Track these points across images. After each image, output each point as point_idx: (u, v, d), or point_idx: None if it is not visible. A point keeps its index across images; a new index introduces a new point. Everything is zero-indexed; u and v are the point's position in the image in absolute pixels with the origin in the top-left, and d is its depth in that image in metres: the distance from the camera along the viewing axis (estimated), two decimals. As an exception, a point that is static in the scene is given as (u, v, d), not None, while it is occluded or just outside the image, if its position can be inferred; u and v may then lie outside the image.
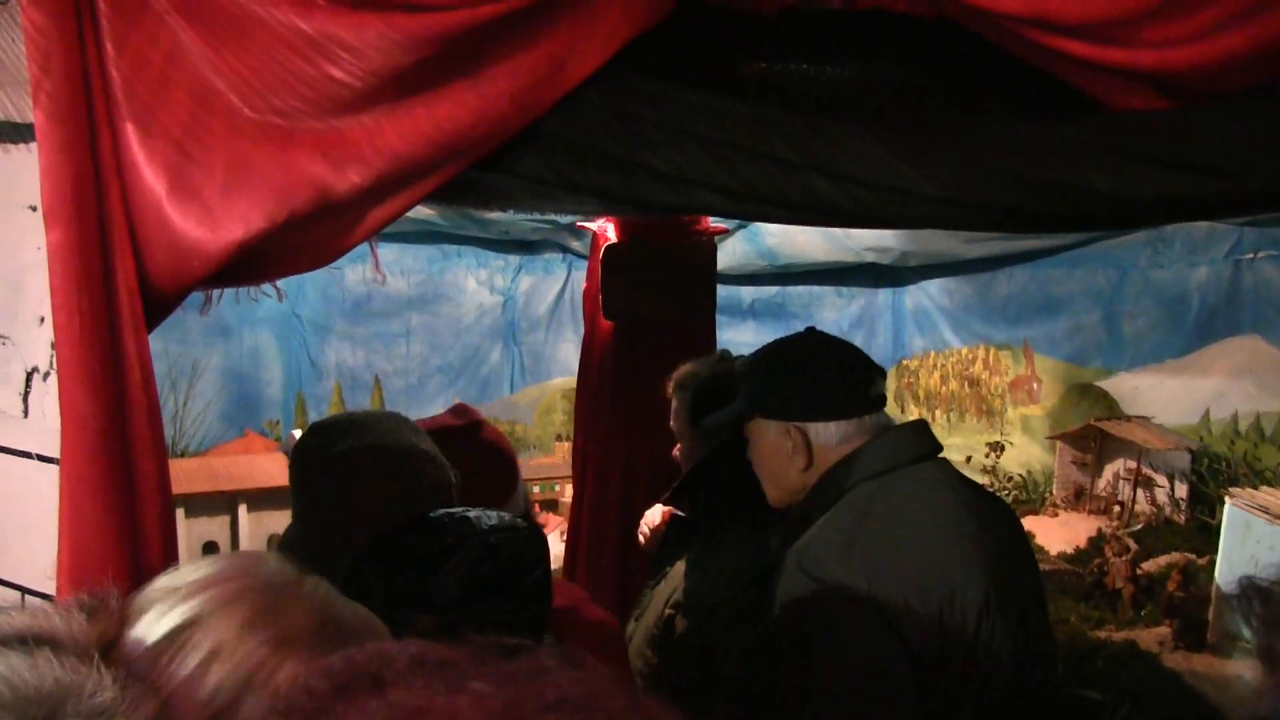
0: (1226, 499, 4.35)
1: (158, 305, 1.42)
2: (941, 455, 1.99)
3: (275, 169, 1.35)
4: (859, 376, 1.94)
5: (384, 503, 1.73)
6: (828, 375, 1.94)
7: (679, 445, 2.55)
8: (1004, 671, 1.79)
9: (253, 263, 1.45)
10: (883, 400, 1.96)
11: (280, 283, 1.70)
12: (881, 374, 1.98)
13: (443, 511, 1.67)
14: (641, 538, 2.84)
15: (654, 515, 2.82)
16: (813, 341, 1.99)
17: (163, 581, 0.90)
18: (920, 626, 1.71)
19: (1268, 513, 3.99)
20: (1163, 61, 1.40)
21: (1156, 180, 1.40)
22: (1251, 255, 5.54)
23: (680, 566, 2.38)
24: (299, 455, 1.88)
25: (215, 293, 1.60)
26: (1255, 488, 4.75)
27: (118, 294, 1.34)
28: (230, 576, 0.90)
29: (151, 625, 0.84)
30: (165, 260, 1.38)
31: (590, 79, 1.42)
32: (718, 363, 2.48)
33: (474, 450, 2.35)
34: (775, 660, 1.84)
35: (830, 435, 1.92)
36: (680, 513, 2.62)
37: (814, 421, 1.92)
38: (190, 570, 0.91)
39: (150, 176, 1.35)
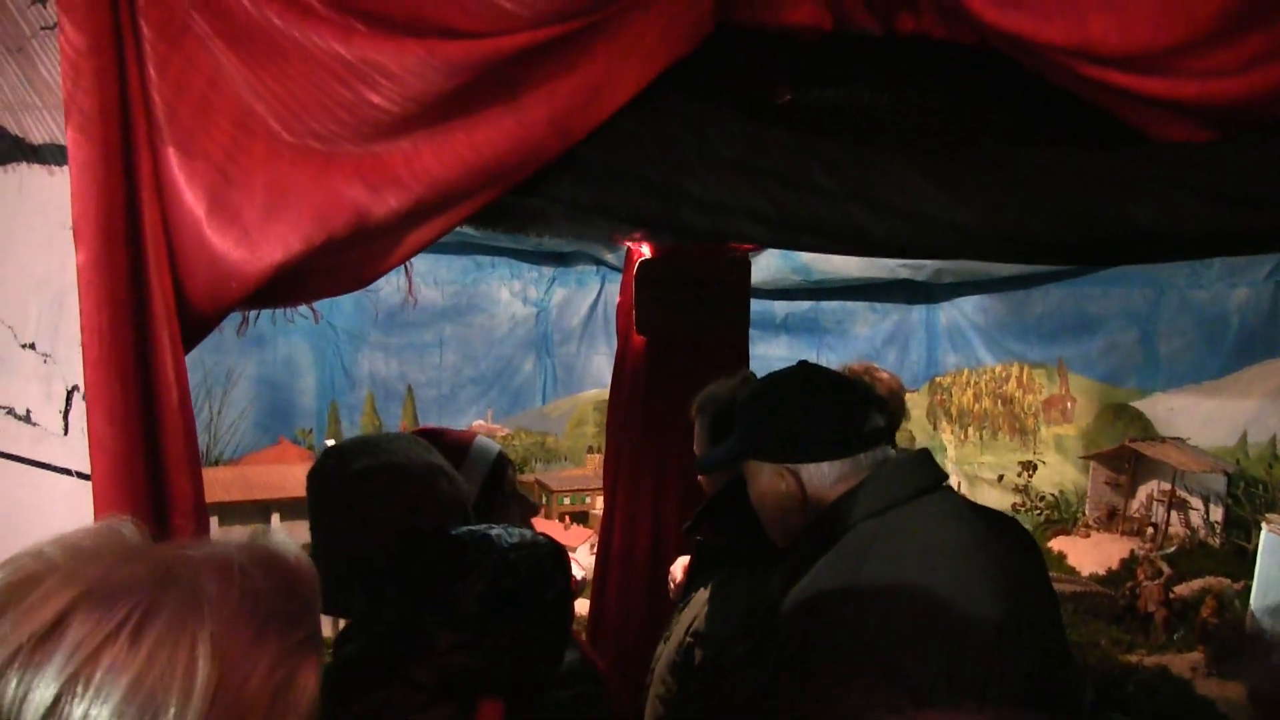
0: (1263, 524, 4.30)
1: (196, 326, 1.44)
2: (946, 484, 1.92)
3: (314, 192, 1.36)
4: (852, 414, 1.88)
5: (403, 518, 1.76)
6: (819, 415, 1.88)
7: None
8: (1022, 703, 1.76)
9: (290, 284, 1.46)
10: (880, 434, 1.90)
11: (315, 299, 1.72)
12: (879, 408, 1.92)
13: (464, 529, 1.69)
14: (671, 584, 2.83)
15: (678, 568, 2.80)
16: (804, 379, 1.93)
17: None
18: (929, 668, 1.65)
19: (1308, 539, 3.95)
20: (1206, 92, 1.38)
21: (1200, 213, 1.38)
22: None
23: (703, 594, 2.34)
24: (316, 478, 1.91)
25: (252, 313, 1.62)
26: (1294, 512, 4.70)
27: (155, 315, 1.36)
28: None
29: None
30: (204, 282, 1.40)
31: (628, 104, 1.42)
32: (739, 385, 2.42)
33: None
34: (780, 704, 1.80)
35: (824, 476, 1.86)
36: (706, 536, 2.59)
37: (806, 463, 1.86)
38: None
39: (190, 199, 1.36)
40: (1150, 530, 5.82)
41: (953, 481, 6.75)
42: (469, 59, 1.30)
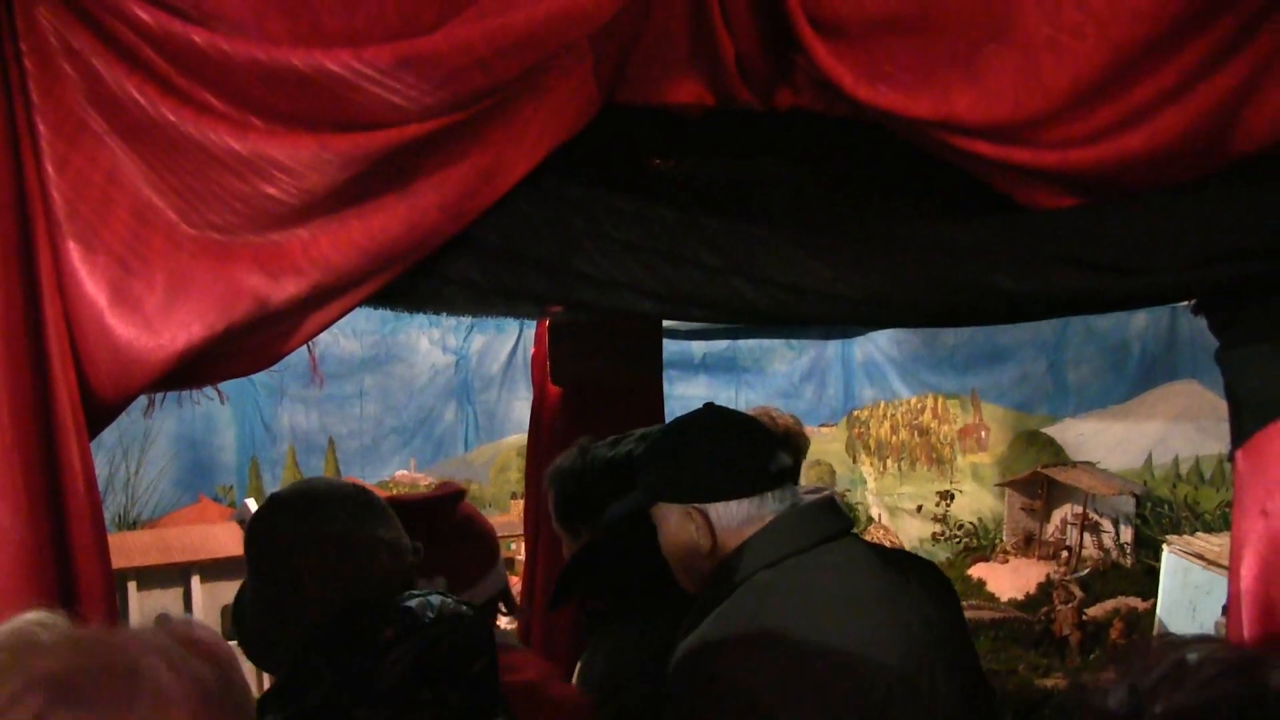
0: (1164, 546, 4.45)
1: (100, 413, 1.45)
2: (851, 532, 1.92)
3: (214, 281, 1.39)
4: (758, 453, 1.89)
5: (333, 593, 1.74)
6: (725, 454, 1.88)
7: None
8: None
9: (194, 369, 1.48)
10: (787, 475, 1.90)
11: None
12: (784, 447, 1.93)
13: (386, 601, 1.67)
14: None
15: None
16: (708, 419, 1.94)
17: None
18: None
19: (1203, 559, 4.09)
20: (1065, 161, 1.47)
21: (1061, 278, 1.46)
22: (1188, 303, 5.68)
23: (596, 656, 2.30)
24: (254, 534, 1.87)
25: (158, 396, 1.63)
26: (1195, 530, 4.85)
27: (58, 406, 1.37)
28: None
29: None
30: (108, 370, 1.41)
31: (520, 186, 1.47)
32: (579, 455, 2.41)
33: (450, 527, 2.33)
34: None
35: (732, 515, 1.86)
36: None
37: (713, 502, 1.86)
38: None
39: (92, 290, 1.38)
40: (1065, 554, 5.97)
41: (874, 513, 6.86)
42: (361, 151, 1.34)
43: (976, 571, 6.06)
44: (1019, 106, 1.42)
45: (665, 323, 4.34)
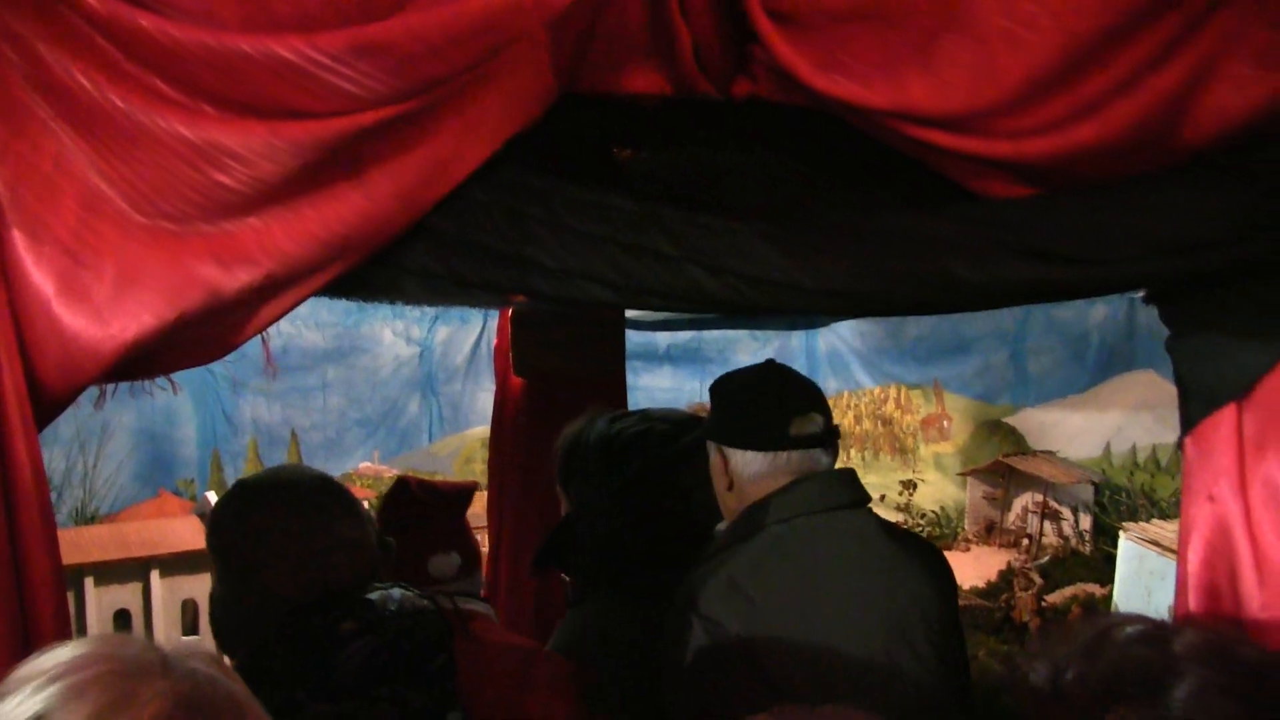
0: (1121, 533, 4.50)
1: (48, 405, 1.43)
2: (866, 505, 2.03)
3: (165, 271, 1.37)
4: (778, 413, 1.98)
5: (291, 586, 1.73)
6: (748, 406, 2.02)
7: None
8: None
9: (145, 360, 1.46)
10: (812, 440, 1.98)
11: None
12: (812, 416, 2.01)
13: (349, 594, 1.67)
14: None
15: None
16: (756, 373, 2.08)
17: (21, 671, 0.88)
18: (795, 676, 1.76)
19: (1158, 545, 4.14)
20: (1019, 151, 1.48)
21: (1016, 268, 1.47)
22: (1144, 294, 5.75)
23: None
24: (216, 522, 1.88)
25: (109, 388, 1.61)
26: (1152, 517, 4.91)
27: (5, 398, 1.35)
28: (82, 665, 0.88)
29: None
30: (56, 362, 1.39)
31: (477, 175, 1.46)
32: (585, 424, 2.48)
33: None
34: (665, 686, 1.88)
35: (745, 464, 1.97)
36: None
37: (730, 447, 1.99)
38: (47, 658, 0.89)
39: (39, 280, 1.36)
40: (1026, 542, 6.02)
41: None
42: (314, 138, 1.32)
43: (938, 560, 6.10)
44: (973, 97, 1.43)
45: (629, 314, 4.34)
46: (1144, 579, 4.25)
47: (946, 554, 5.97)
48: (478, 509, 6.50)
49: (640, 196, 1.49)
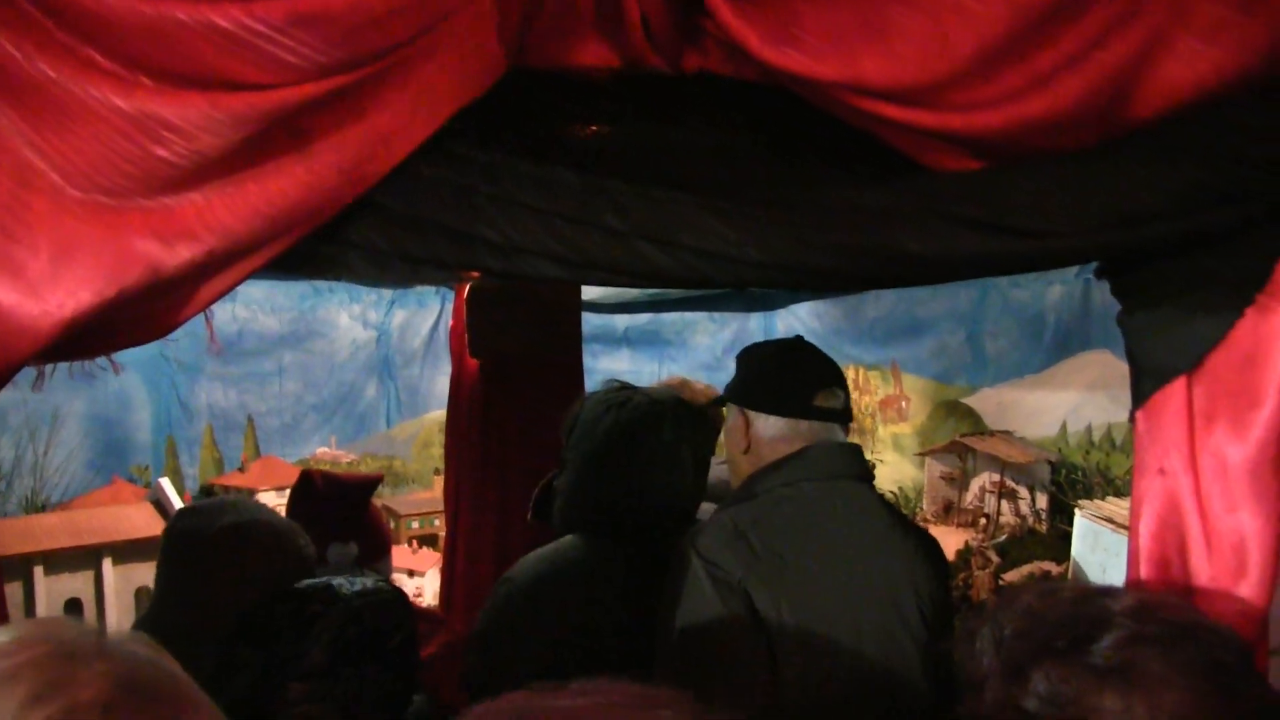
0: (1076, 511, 4.54)
1: (-15, 385, 1.40)
2: (868, 480, 2.11)
3: (103, 247, 1.34)
4: (803, 383, 2.09)
5: (273, 571, 1.83)
6: (776, 372, 2.12)
7: None
8: (879, 689, 1.91)
9: (85, 337, 1.43)
10: (831, 414, 2.09)
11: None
12: (834, 390, 2.12)
13: (306, 582, 1.71)
14: None
15: None
16: (785, 343, 2.21)
17: None
18: (786, 629, 1.83)
19: (1112, 522, 4.18)
20: (970, 124, 1.48)
21: (967, 240, 1.47)
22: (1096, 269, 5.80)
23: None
24: (178, 536, 2.00)
25: (49, 368, 1.58)
26: (1108, 495, 4.96)
27: (-60, 378, 1.32)
28: (17, 649, 0.86)
29: None
30: (-11, 340, 1.36)
31: (423, 150, 1.44)
32: (597, 389, 2.52)
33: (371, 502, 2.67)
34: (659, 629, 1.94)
35: (767, 428, 2.07)
36: None
37: (755, 411, 2.09)
38: None
39: (-28, 257, 1.33)
40: (983, 521, 6.06)
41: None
42: (255, 111, 1.29)
43: (897, 540, 6.13)
44: (924, 70, 1.43)
45: (588, 296, 4.33)
46: (1099, 556, 4.29)
47: (905, 533, 6.00)
48: (436, 494, 6.51)
49: (588, 171, 1.48)
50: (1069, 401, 6.08)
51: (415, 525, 6.34)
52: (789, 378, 2.10)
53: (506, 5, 1.41)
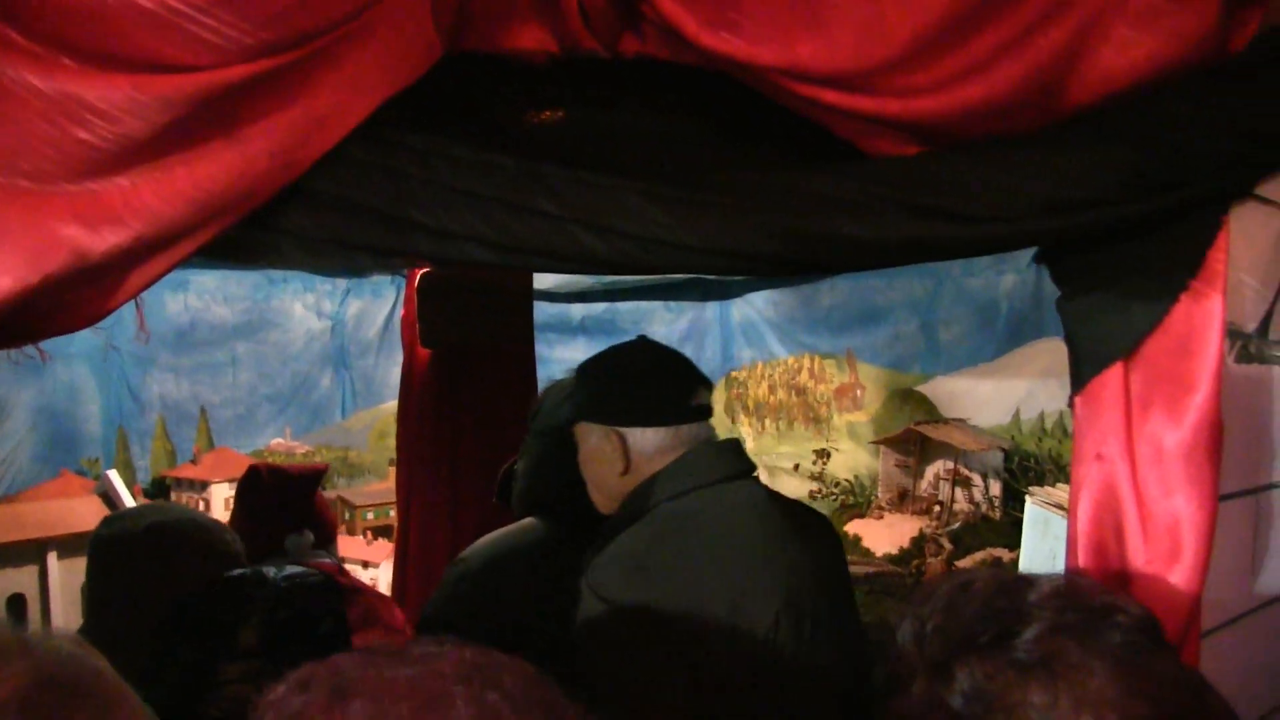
0: (1027, 497, 4.58)
1: (-95, 374, 1.37)
2: (753, 474, 2.02)
3: (25, 232, 1.31)
4: (680, 385, 1.98)
5: (202, 565, 1.85)
6: (648, 382, 1.97)
7: None
8: (802, 685, 1.85)
9: (8, 325, 1.40)
10: (706, 412, 1.99)
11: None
12: (706, 386, 2.03)
13: (236, 571, 1.72)
14: None
15: None
16: (640, 349, 2.04)
17: None
18: (704, 645, 1.75)
19: (1062, 509, 4.21)
20: (907, 110, 1.48)
21: (905, 225, 1.47)
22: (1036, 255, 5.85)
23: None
24: (106, 541, 2.04)
25: (-25, 356, 1.55)
26: (1058, 481, 5.00)
27: None
28: None
29: None
30: (-93, 327, 1.33)
31: (356, 134, 1.42)
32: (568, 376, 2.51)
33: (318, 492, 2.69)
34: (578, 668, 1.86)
35: (648, 442, 1.94)
36: None
37: (631, 426, 1.95)
38: None
39: (-111, 243, 1.30)
40: (937, 508, 6.11)
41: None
42: (180, 94, 1.27)
43: (853, 528, 6.17)
44: (862, 55, 1.42)
45: (542, 285, 4.32)
46: (1049, 542, 4.33)
47: (860, 522, 6.06)
48: (392, 484, 6.47)
49: (524, 156, 1.46)
50: (1022, 389, 6.14)
51: (370, 516, 6.31)
52: (662, 383, 1.98)
53: (442, -12, 1.39)
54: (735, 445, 2.05)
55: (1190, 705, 1.00)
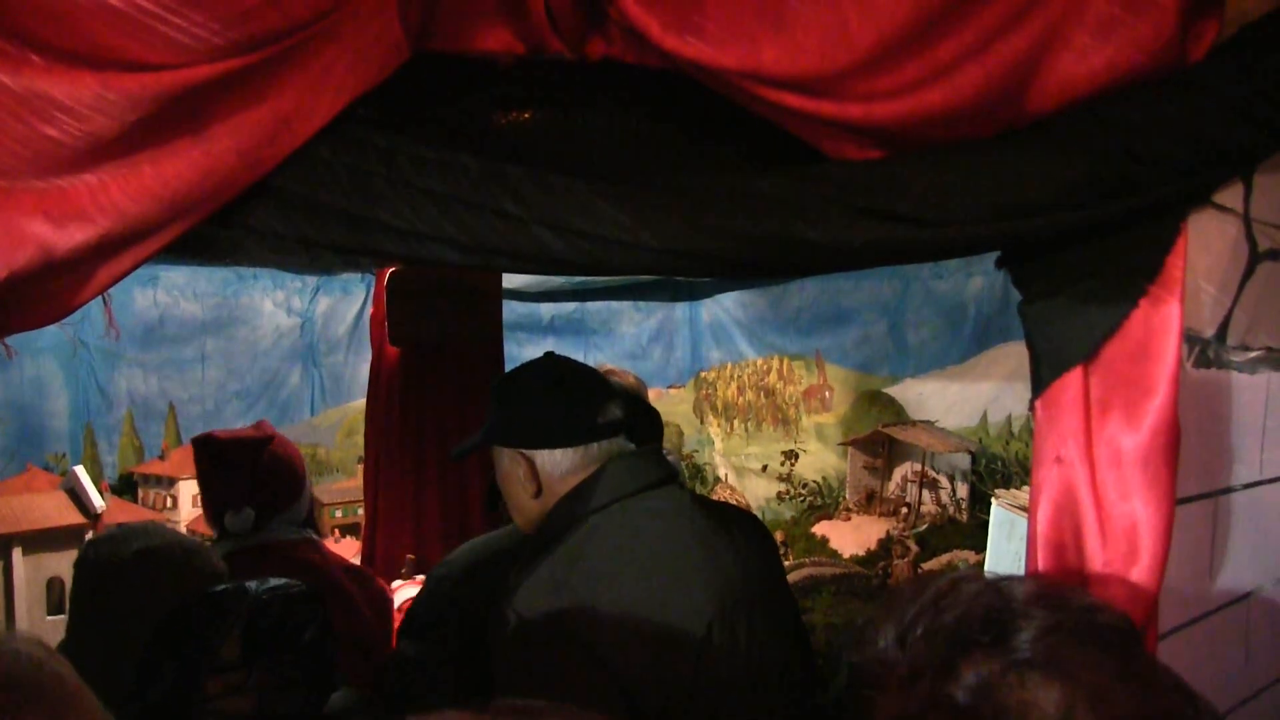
0: (993, 500, 4.60)
1: None
2: (675, 480, 1.99)
3: (-9, 227, 1.31)
4: (586, 404, 1.93)
5: (182, 591, 1.85)
6: (552, 403, 1.93)
7: None
8: (743, 691, 1.83)
9: (-26, 321, 1.40)
10: (616, 428, 1.95)
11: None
12: (616, 400, 1.98)
13: (220, 586, 1.73)
14: None
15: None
16: (545, 368, 1.99)
17: None
18: (635, 661, 1.71)
19: (1026, 511, 4.23)
20: (870, 114, 1.50)
21: (863, 228, 1.50)
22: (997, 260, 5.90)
23: None
24: (91, 566, 2.06)
25: (-62, 351, 1.55)
26: (1023, 486, 5.04)
27: None
28: None
29: None
30: None
31: (322, 133, 1.42)
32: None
33: (266, 460, 2.68)
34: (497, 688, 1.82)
35: (555, 463, 1.91)
36: None
37: (537, 449, 1.91)
38: None
39: None
40: (905, 510, 6.14)
41: (720, 473, 6.91)
42: (148, 92, 1.27)
43: (820, 529, 6.19)
44: (825, 59, 1.44)
45: (511, 284, 4.32)
46: (1014, 544, 4.35)
47: (828, 523, 6.07)
48: (360, 482, 6.45)
49: (487, 156, 1.47)
50: (989, 392, 6.17)
51: (338, 514, 6.29)
52: (566, 404, 1.93)
53: (410, -11, 1.40)
54: (654, 453, 2.01)
55: (1182, 703, 1.03)
